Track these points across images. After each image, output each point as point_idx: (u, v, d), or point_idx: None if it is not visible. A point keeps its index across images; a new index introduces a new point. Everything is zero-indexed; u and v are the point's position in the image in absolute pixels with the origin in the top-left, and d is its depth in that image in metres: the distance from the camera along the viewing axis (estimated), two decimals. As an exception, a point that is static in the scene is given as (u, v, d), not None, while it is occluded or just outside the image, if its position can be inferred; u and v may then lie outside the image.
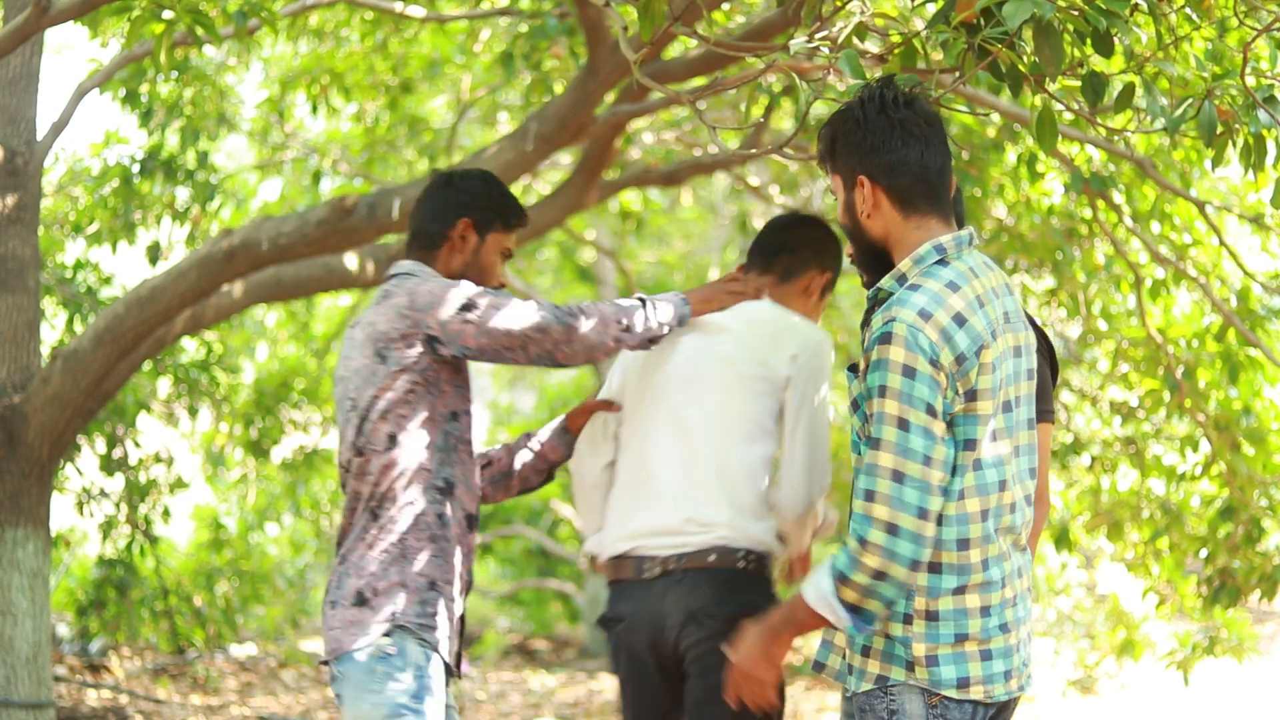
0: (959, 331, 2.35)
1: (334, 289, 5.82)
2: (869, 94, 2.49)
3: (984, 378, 2.38)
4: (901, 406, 2.32)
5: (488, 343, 2.89)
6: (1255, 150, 3.00)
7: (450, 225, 3.08)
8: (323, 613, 3.00)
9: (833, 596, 2.36)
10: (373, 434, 2.93)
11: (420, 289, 2.94)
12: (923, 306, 2.35)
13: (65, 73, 20.05)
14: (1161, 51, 3.00)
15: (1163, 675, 7.11)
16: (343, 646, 2.91)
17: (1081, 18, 2.51)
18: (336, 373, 3.08)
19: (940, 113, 2.61)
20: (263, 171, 9.89)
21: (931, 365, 2.32)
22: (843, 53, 2.67)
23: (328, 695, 7.67)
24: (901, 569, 2.32)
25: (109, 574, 8.13)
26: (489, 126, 9.57)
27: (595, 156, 5.57)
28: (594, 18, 4.70)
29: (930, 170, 2.47)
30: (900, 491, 2.31)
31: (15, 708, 5.41)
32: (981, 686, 2.41)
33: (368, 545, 2.95)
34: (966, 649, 2.41)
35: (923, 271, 2.42)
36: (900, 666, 2.41)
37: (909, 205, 2.47)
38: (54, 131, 6.21)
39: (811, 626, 2.45)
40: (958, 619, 2.41)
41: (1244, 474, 5.52)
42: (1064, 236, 5.78)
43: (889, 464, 2.32)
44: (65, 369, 5.29)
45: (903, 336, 2.33)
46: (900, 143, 2.45)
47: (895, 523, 2.30)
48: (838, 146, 2.53)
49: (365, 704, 2.87)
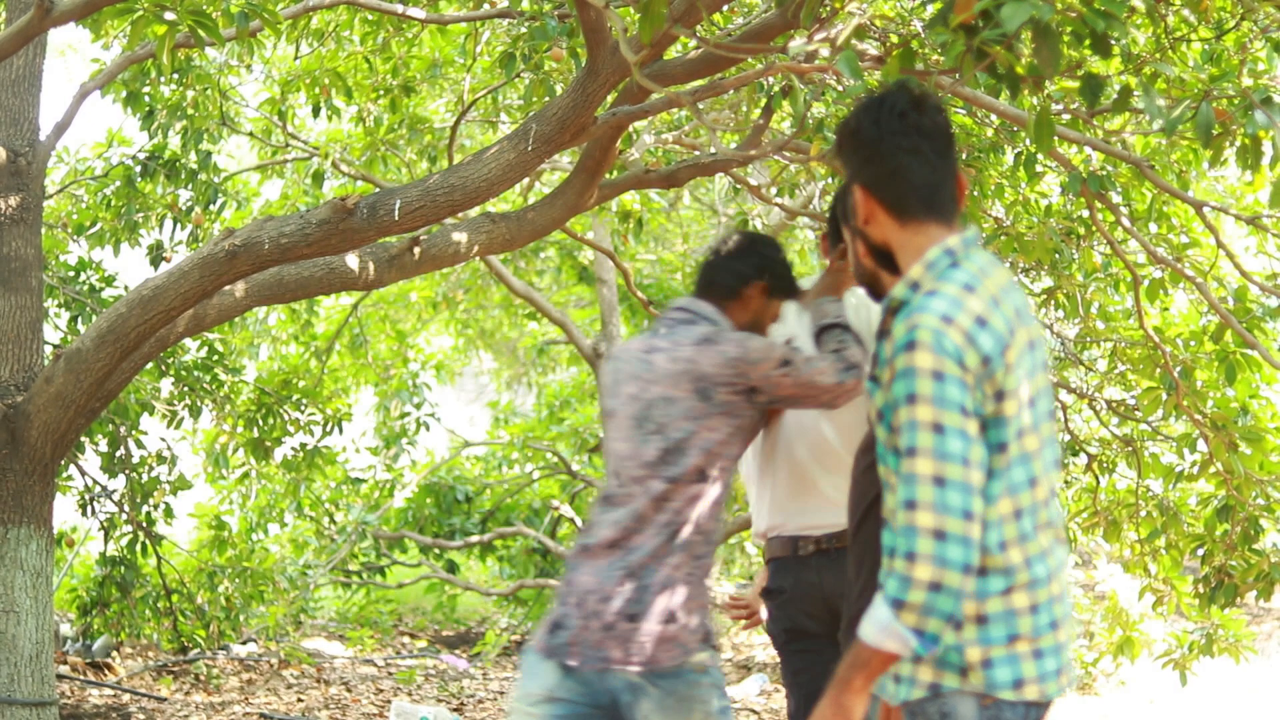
0: (981, 333, 2.35)
1: (335, 289, 5.83)
2: (868, 103, 2.50)
3: (1010, 377, 2.38)
4: (935, 411, 2.30)
5: (796, 393, 3.17)
6: (1252, 151, 3.02)
7: (747, 284, 3.33)
8: (603, 623, 3.11)
9: (894, 623, 2.30)
10: (686, 466, 3.15)
11: (751, 345, 3.18)
12: (944, 311, 2.34)
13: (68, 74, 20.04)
14: (1159, 53, 3.03)
15: (1160, 674, 7.13)
16: (660, 662, 3.12)
17: (1080, 20, 2.53)
18: (618, 386, 3.27)
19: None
20: (264, 172, 9.91)
21: (959, 367, 2.31)
22: (841, 54, 2.69)
23: (329, 694, 7.69)
24: (955, 574, 2.27)
25: (111, 573, 8.15)
26: (489, 128, 9.59)
27: (595, 158, 5.58)
28: (594, 19, 4.72)
29: (925, 180, 2.46)
30: (943, 496, 2.27)
31: (18, 706, 5.43)
32: (1036, 686, 2.41)
33: (673, 567, 3.16)
34: (1019, 649, 2.40)
35: (936, 276, 2.42)
36: (953, 672, 2.40)
37: (905, 213, 2.48)
38: (56, 132, 6.24)
39: (879, 666, 2.36)
40: (1008, 620, 2.40)
41: (1241, 473, 5.54)
42: (1062, 237, 5.79)
43: (928, 470, 2.29)
44: (68, 369, 5.31)
45: (928, 342, 2.31)
46: (893, 154, 2.46)
47: (942, 528, 2.27)
48: (841, 155, 2.56)
49: (695, 714, 3.13)
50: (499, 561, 11.70)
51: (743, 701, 7.57)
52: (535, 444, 12.08)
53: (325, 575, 10.27)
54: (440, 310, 12.55)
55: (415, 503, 11.69)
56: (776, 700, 7.73)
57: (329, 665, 8.77)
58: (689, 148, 7.47)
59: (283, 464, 9.44)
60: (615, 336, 10.02)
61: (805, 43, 2.82)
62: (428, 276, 11.86)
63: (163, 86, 7.59)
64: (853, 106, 2.54)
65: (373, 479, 11.68)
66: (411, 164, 8.76)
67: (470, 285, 12.26)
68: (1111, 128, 5.15)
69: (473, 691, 7.77)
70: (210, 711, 7.01)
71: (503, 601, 11.47)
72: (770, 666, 9.22)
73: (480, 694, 7.72)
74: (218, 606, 8.58)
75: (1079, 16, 2.52)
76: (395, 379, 11.52)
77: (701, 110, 6.48)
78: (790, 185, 8.07)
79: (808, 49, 2.80)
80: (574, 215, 5.88)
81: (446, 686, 7.82)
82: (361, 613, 10.93)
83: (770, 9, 5.02)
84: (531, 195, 8.89)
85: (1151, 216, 5.53)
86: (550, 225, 5.80)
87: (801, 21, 2.82)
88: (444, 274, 11.85)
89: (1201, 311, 5.91)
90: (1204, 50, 4.45)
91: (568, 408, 12.68)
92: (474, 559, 12.56)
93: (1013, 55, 2.53)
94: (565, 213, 5.74)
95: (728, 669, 9.22)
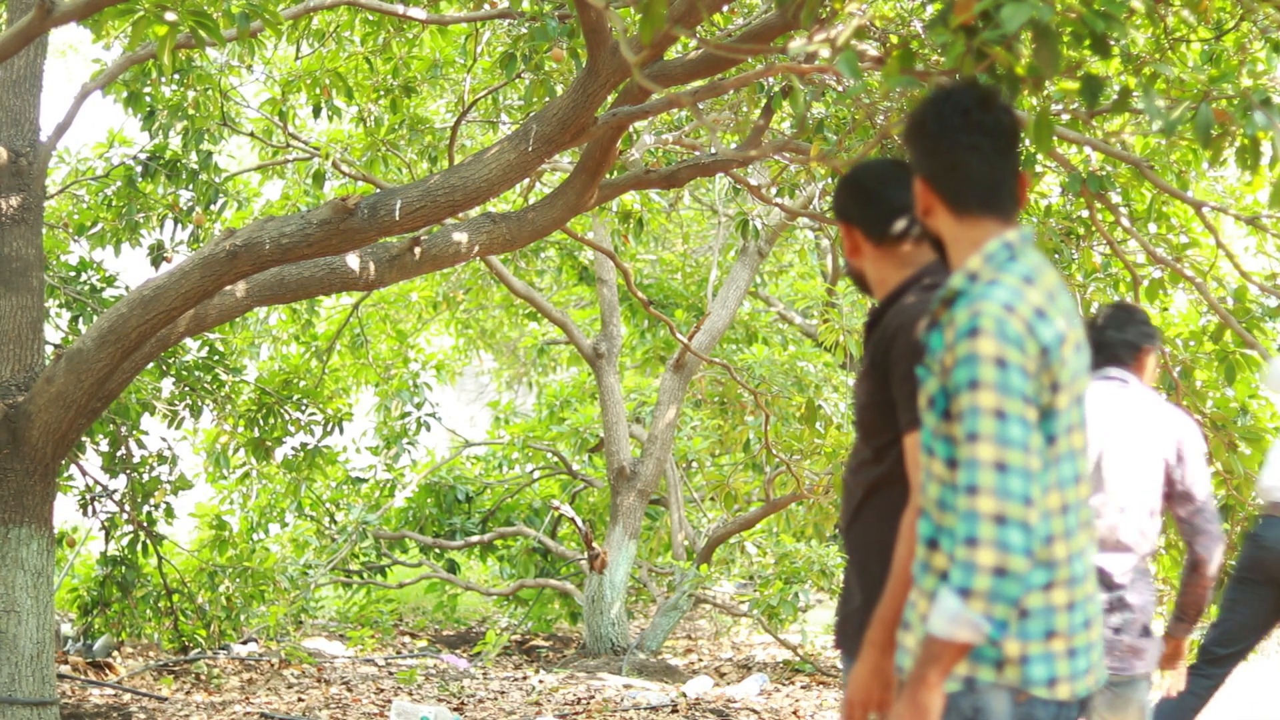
0: (1041, 324, 2.37)
1: (336, 290, 5.84)
2: (934, 98, 2.53)
3: (1064, 371, 2.40)
4: (998, 397, 2.30)
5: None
6: (1251, 152, 3.03)
7: (1140, 351, 4.04)
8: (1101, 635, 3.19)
9: (965, 612, 2.28)
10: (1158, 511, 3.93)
11: (1195, 432, 4.04)
12: (1006, 300, 2.36)
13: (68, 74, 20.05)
14: (1159, 54, 3.03)
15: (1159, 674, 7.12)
16: (1135, 672, 3.91)
17: (1079, 20, 2.54)
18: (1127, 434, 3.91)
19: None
20: (265, 173, 9.92)
21: (1021, 354, 2.33)
22: (841, 55, 2.70)
23: (329, 693, 7.69)
24: (1018, 559, 2.26)
25: (112, 573, 8.16)
26: (490, 128, 9.60)
27: (596, 158, 5.58)
28: (595, 20, 4.73)
29: (983, 176, 2.49)
30: (1005, 482, 2.27)
31: (19, 706, 5.43)
32: (1068, 685, 2.42)
33: (1146, 585, 3.91)
34: (1055, 647, 2.41)
35: (996, 266, 2.45)
36: (989, 666, 2.40)
37: (962, 208, 2.51)
38: (57, 133, 6.24)
39: (952, 659, 2.34)
40: (1047, 615, 2.41)
41: (1240, 473, 5.55)
42: (1062, 237, 5.80)
43: (990, 455, 2.28)
44: (69, 369, 5.32)
45: (991, 329, 2.33)
46: (953, 149, 2.49)
47: (1004, 514, 2.26)
48: (907, 145, 2.59)
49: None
50: (499, 561, 11.71)
51: (743, 701, 7.57)
52: (535, 444, 12.09)
53: (326, 575, 10.27)
54: (441, 310, 12.56)
55: (416, 502, 11.69)
56: (776, 700, 7.74)
57: (329, 665, 8.77)
58: (689, 148, 7.48)
59: (283, 464, 9.45)
60: (615, 336, 10.03)
61: (805, 43, 2.82)
62: (428, 277, 11.87)
63: (164, 87, 7.60)
64: (922, 98, 2.55)
65: (373, 479, 11.69)
66: (412, 164, 8.77)
67: (471, 285, 12.27)
68: (1111, 128, 5.15)
69: (473, 691, 7.78)
70: (211, 711, 7.01)
71: (503, 601, 11.48)
72: (770, 667, 9.23)
73: (480, 694, 7.72)
74: (218, 606, 8.59)
75: (1079, 17, 2.53)
76: (396, 379, 11.52)
77: (701, 110, 6.49)
78: (790, 185, 8.08)
79: (808, 49, 2.80)
80: (574, 215, 5.89)
81: (447, 686, 7.82)
82: (362, 612, 10.93)
83: (770, 9, 5.02)
84: (532, 195, 8.90)
85: (1151, 216, 5.54)
86: (551, 225, 5.81)
87: (801, 22, 2.82)
88: (444, 274, 11.86)
89: (1201, 311, 5.91)
90: (1203, 51, 4.46)
91: (568, 408, 12.68)
92: (474, 559, 12.56)
93: (1012, 56, 2.53)
94: (566, 213, 5.75)
95: (728, 669, 9.22)
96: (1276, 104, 2.93)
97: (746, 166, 8.18)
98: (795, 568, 8.91)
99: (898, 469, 2.71)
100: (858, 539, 2.81)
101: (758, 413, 9.55)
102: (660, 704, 7.33)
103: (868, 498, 2.78)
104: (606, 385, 9.82)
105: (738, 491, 10.08)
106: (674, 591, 9.64)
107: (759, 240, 9.80)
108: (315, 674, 8.41)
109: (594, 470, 11.98)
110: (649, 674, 8.57)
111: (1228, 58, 4.59)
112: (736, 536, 10.35)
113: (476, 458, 12.88)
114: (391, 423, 11.57)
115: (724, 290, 9.89)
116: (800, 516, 9.84)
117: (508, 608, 11.49)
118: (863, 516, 2.79)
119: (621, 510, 9.45)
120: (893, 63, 2.79)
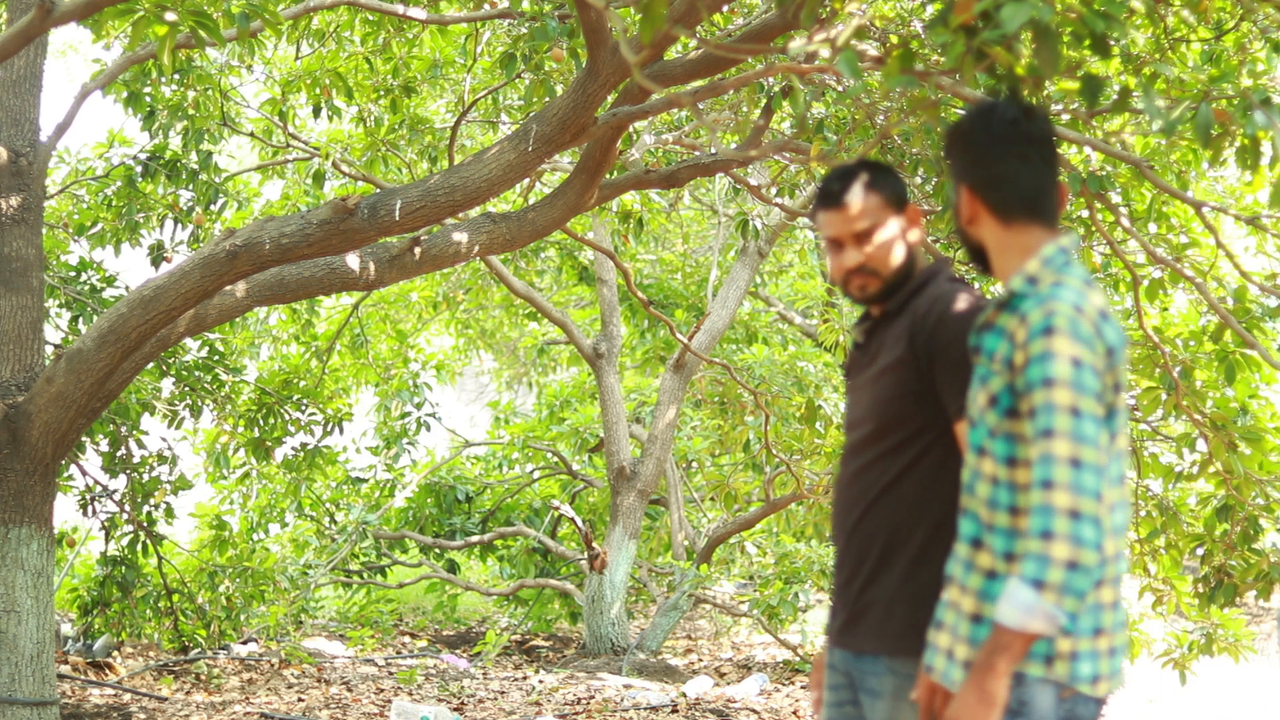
0: (1106, 326, 2.42)
1: (336, 290, 5.83)
2: (980, 109, 2.58)
3: (1123, 373, 2.45)
4: (1073, 395, 2.34)
5: None
6: (1251, 151, 3.03)
7: None
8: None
9: (1040, 603, 2.30)
10: None
11: None
12: (1075, 301, 2.41)
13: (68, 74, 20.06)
14: (1159, 54, 3.03)
15: (1160, 674, 7.14)
16: None
17: (1079, 20, 2.54)
18: None
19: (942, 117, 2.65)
20: (265, 173, 9.92)
21: (1092, 354, 2.37)
22: (841, 55, 2.70)
23: (329, 693, 7.70)
24: (1090, 554, 2.30)
25: (112, 573, 8.16)
26: (490, 128, 9.60)
27: (596, 158, 5.58)
28: (595, 20, 4.73)
29: (1031, 185, 2.54)
30: (1079, 478, 2.31)
31: (19, 706, 5.43)
32: (1106, 683, 2.45)
33: None
34: (1100, 645, 2.44)
35: (1056, 270, 2.49)
36: (1038, 661, 2.41)
37: (1009, 216, 2.56)
38: (57, 132, 6.24)
39: (1020, 649, 2.35)
40: (1096, 613, 2.44)
41: (1240, 473, 5.55)
42: (1062, 237, 5.79)
43: (1065, 451, 2.32)
44: (69, 369, 5.32)
45: (1065, 328, 2.37)
46: (1003, 159, 2.53)
47: (1078, 509, 2.30)
48: (950, 155, 2.64)
49: None
50: (499, 561, 11.71)
51: (743, 701, 7.57)
52: (535, 444, 12.09)
53: (326, 575, 10.28)
54: (441, 310, 12.56)
55: (416, 502, 11.70)
56: (776, 700, 7.74)
57: (329, 665, 8.78)
58: (689, 148, 7.48)
59: (283, 464, 9.45)
60: (615, 336, 10.03)
61: (805, 43, 2.82)
62: (428, 277, 11.87)
63: (164, 87, 7.60)
64: (966, 111, 2.58)
65: (373, 479, 11.69)
66: (412, 164, 8.77)
67: (471, 285, 12.27)
68: (1111, 128, 5.15)
69: (473, 691, 7.78)
70: (211, 711, 7.01)
71: (503, 601, 11.48)
72: (770, 667, 9.23)
73: (480, 694, 7.72)
74: (218, 606, 8.59)
75: (1079, 17, 2.53)
76: (396, 379, 11.53)
77: (701, 110, 6.49)
78: (790, 185, 8.08)
79: (808, 49, 2.80)
80: (574, 215, 5.89)
81: (447, 686, 7.82)
82: (362, 612, 10.94)
83: (770, 9, 5.02)
84: (532, 195, 8.90)
85: (1151, 216, 5.54)
86: (551, 225, 5.81)
87: (801, 22, 2.82)
88: (444, 274, 11.86)
89: (1201, 311, 5.91)
90: (1203, 51, 4.46)
91: (568, 408, 12.69)
92: (474, 559, 12.57)
93: (1012, 56, 2.54)
94: (566, 213, 5.75)
95: (728, 669, 9.22)
96: (1276, 104, 2.93)
97: (746, 166, 8.18)
98: (795, 568, 8.92)
99: (925, 456, 2.69)
100: (877, 526, 2.73)
101: (758, 413, 9.55)
102: (660, 704, 7.33)
103: (891, 486, 2.72)
104: (606, 385, 9.82)
105: (738, 491, 10.08)
106: (674, 591, 9.65)
107: (759, 240, 9.80)
108: (315, 674, 8.41)
109: (594, 470, 11.98)
110: (649, 674, 8.58)
111: (1228, 58, 4.59)
112: (736, 536, 10.36)
113: (476, 458, 12.88)
114: (391, 423, 11.57)
115: (724, 290, 9.89)
116: (800, 516, 9.84)
117: (508, 608, 11.50)
118: (883, 505, 2.73)
119: (621, 510, 9.45)
120: (893, 63, 2.79)
